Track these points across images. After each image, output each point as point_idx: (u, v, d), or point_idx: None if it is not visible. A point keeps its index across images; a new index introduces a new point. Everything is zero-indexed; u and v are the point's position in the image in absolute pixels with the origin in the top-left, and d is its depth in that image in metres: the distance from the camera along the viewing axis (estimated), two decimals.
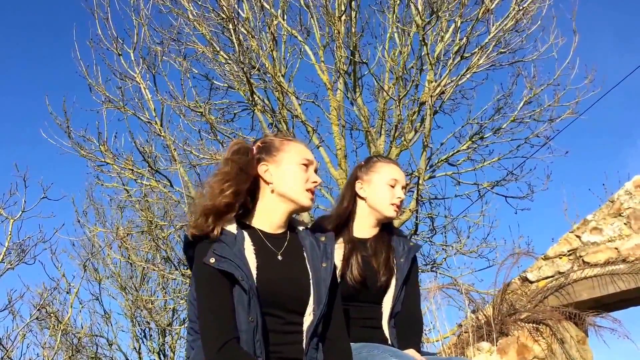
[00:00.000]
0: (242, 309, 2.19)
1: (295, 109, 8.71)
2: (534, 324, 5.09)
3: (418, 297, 3.18)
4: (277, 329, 2.30)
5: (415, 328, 3.03)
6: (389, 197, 3.08)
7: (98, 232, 9.32)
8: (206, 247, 2.28)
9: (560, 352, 5.14)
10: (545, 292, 5.37)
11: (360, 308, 2.96)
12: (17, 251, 8.02)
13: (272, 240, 2.44)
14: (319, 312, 2.33)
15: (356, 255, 3.02)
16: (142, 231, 9.10)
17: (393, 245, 3.11)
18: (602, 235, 5.36)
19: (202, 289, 2.24)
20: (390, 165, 3.20)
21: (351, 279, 2.94)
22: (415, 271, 3.15)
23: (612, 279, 5.17)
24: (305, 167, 2.52)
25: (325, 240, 2.54)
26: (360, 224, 3.14)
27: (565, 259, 5.46)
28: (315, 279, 2.39)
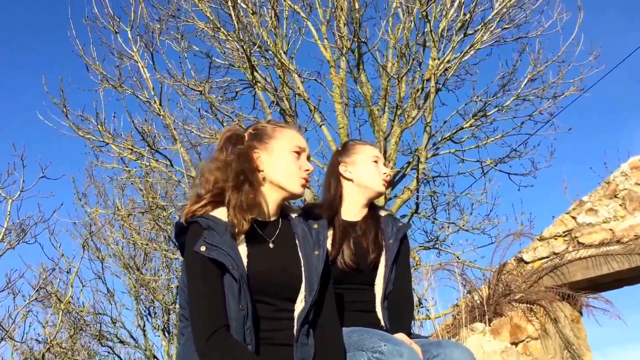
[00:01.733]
0: (232, 297, 2.19)
1: (298, 87, 8.66)
2: (528, 304, 5.09)
3: (409, 277, 3.19)
4: (268, 316, 2.30)
5: (406, 309, 3.04)
6: (376, 173, 3.13)
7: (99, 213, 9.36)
8: (197, 235, 2.27)
9: (554, 332, 5.15)
10: (540, 273, 5.37)
11: (353, 291, 2.98)
12: (16, 231, 8.07)
13: (263, 227, 2.43)
14: (310, 300, 2.32)
15: (348, 240, 3.04)
16: (143, 211, 9.11)
17: (382, 226, 3.13)
18: (598, 216, 5.34)
19: (193, 277, 2.24)
20: (368, 145, 3.26)
21: (342, 262, 2.97)
22: (406, 251, 3.17)
23: (607, 260, 5.17)
24: (297, 155, 2.51)
25: (317, 228, 2.53)
26: (349, 207, 3.16)
27: (560, 240, 5.45)
28: (307, 267, 2.38)
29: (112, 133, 8.07)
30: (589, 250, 5.23)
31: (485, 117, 9.32)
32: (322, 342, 2.36)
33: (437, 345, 2.68)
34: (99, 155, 8.82)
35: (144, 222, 9.48)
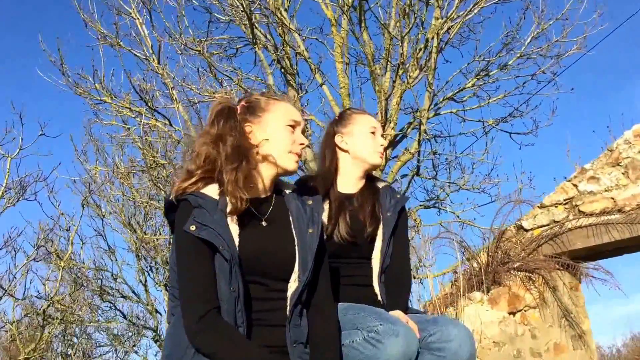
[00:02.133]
0: (223, 278, 2.12)
1: (298, 46, 8.51)
2: (527, 273, 5.07)
3: (407, 250, 3.12)
4: (260, 296, 2.24)
5: (403, 283, 2.98)
6: (373, 145, 3.03)
7: (99, 171, 9.31)
8: (187, 214, 2.19)
9: (552, 300, 5.15)
10: (539, 241, 5.34)
11: (349, 265, 2.91)
12: (15, 189, 8.04)
13: (256, 205, 2.33)
14: (304, 279, 2.26)
15: (344, 213, 2.97)
16: (142, 170, 9.05)
17: (380, 198, 3.07)
18: (599, 184, 5.28)
19: (183, 257, 2.17)
20: (366, 115, 3.15)
21: (338, 236, 2.90)
22: (404, 224, 3.09)
23: (607, 229, 5.13)
24: (291, 129, 2.41)
25: (312, 204, 2.44)
26: (345, 179, 3.09)
27: (561, 208, 5.40)
28: (301, 245, 2.31)
29: (110, 91, 7.95)
30: (590, 219, 5.18)
31: (488, 77, 9.18)
32: (317, 322, 2.30)
33: (433, 322, 2.62)
34: (97, 113, 8.73)
35: (144, 181, 9.42)
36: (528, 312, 4.93)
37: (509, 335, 4.63)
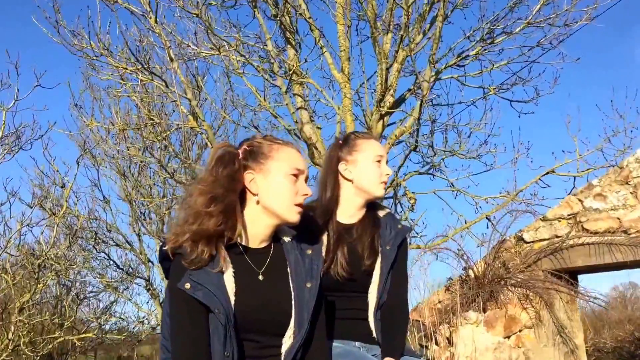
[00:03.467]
0: (217, 340, 2.07)
1: (299, 6, 8.15)
2: (524, 289, 4.99)
3: (405, 287, 3.06)
4: (254, 355, 2.19)
5: (399, 323, 2.92)
6: (378, 176, 2.90)
7: (94, 126, 9.08)
8: (182, 269, 2.12)
9: (547, 318, 5.09)
10: (539, 254, 5.24)
11: (345, 299, 2.85)
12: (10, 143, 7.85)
13: (254, 256, 2.27)
14: (300, 337, 2.20)
15: (342, 246, 2.89)
16: (138, 127, 8.85)
17: (379, 230, 2.97)
18: (606, 202, 5.13)
19: (176, 314, 2.11)
20: (372, 141, 2.99)
21: (335, 272, 2.83)
22: (403, 257, 3.01)
23: (610, 249, 5.02)
24: (294, 178, 2.30)
25: (311, 254, 2.37)
26: (345, 208, 2.98)
27: (564, 223, 5.28)
28: (298, 301, 2.25)
29: (108, 47, 7.62)
30: (593, 237, 5.06)
31: (492, 44, 8.85)
32: None
33: None
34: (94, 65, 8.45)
35: (140, 139, 9.25)
36: (523, 333, 4.88)
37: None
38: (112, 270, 11.30)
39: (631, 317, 12.22)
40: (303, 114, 7.79)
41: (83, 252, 10.85)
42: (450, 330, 4.72)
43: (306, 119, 7.76)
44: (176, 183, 9.44)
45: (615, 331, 10.46)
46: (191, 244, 2.14)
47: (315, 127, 7.83)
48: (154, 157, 9.31)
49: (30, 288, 8.81)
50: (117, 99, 9.42)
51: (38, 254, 8.71)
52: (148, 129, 8.81)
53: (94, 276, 11.27)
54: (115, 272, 11.31)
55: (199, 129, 8.16)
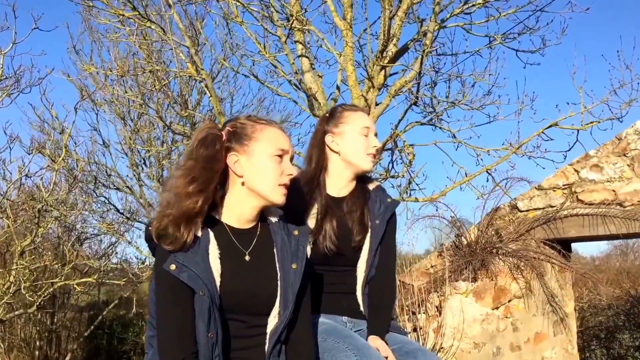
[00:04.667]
0: (201, 320, 2.11)
1: None
2: (516, 259, 5.00)
3: (393, 262, 3.10)
4: (239, 334, 2.23)
5: (386, 298, 2.96)
6: (364, 148, 2.90)
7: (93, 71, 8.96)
8: (167, 251, 2.15)
9: (538, 287, 5.12)
10: (532, 224, 5.23)
11: (334, 273, 2.89)
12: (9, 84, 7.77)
13: (240, 236, 2.31)
14: (284, 317, 2.25)
15: (330, 219, 2.91)
16: (136, 74, 8.76)
17: (369, 204, 2.97)
18: (602, 174, 5.08)
19: (162, 295, 2.15)
20: (359, 113, 3.00)
21: (324, 246, 2.85)
22: (392, 232, 3.04)
23: (604, 221, 5.00)
24: (279, 158, 2.32)
25: (298, 235, 2.40)
26: (334, 181, 2.99)
27: (559, 192, 5.24)
28: (284, 282, 2.28)
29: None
30: (588, 209, 5.04)
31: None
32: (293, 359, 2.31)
33: (413, 358, 2.64)
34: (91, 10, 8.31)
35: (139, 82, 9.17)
36: (512, 303, 4.92)
37: (490, 334, 4.64)
38: (113, 214, 11.39)
39: (630, 269, 12.29)
40: (304, 62, 7.67)
41: (83, 196, 10.89)
42: (440, 300, 4.75)
43: (307, 67, 7.66)
44: (174, 134, 9.40)
45: (611, 288, 10.54)
46: (173, 226, 2.15)
47: (316, 75, 7.72)
48: (150, 107, 9.23)
49: (31, 231, 8.88)
50: (116, 42, 9.31)
51: (38, 198, 8.74)
52: (147, 75, 8.75)
53: (95, 219, 11.39)
54: (115, 215, 11.40)
55: (198, 77, 8.08)
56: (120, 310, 13.23)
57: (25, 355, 11.16)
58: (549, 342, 5.18)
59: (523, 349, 4.93)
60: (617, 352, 10.28)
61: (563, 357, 5.32)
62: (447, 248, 5.38)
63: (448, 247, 5.39)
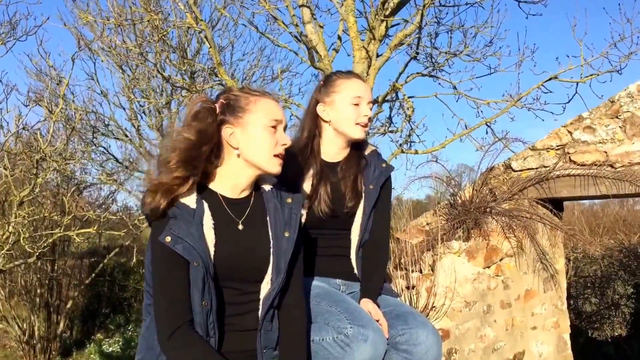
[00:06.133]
0: (196, 290, 2.18)
1: None
2: (508, 218, 5.09)
3: (387, 225, 3.16)
4: (233, 301, 2.31)
5: (379, 259, 3.03)
6: (354, 117, 2.93)
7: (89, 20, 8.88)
8: (162, 222, 2.21)
9: (529, 246, 5.22)
10: (525, 183, 5.31)
11: (327, 237, 2.95)
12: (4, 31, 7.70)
13: (233, 206, 2.37)
14: (277, 284, 2.32)
15: (325, 184, 2.97)
16: (134, 23, 8.68)
17: (364, 169, 3.04)
18: (595, 135, 5.14)
19: (157, 266, 2.21)
20: (352, 81, 3.00)
21: (318, 210, 2.92)
22: (386, 196, 3.09)
23: (595, 182, 5.08)
24: (273, 129, 2.37)
25: (291, 203, 2.45)
26: (329, 149, 3.04)
27: (552, 153, 5.31)
28: (276, 249, 2.35)
29: None
30: (580, 169, 5.11)
31: None
32: (286, 325, 2.39)
33: (404, 321, 2.72)
34: None
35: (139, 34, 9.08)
36: (503, 262, 5.03)
37: (481, 292, 4.76)
38: (112, 163, 11.42)
39: (627, 217, 12.39)
40: (305, 12, 7.60)
41: (82, 145, 10.90)
42: (434, 259, 4.85)
43: (308, 17, 7.59)
44: (173, 87, 9.38)
45: (605, 239, 10.69)
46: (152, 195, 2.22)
47: (317, 26, 7.67)
48: (149, 60, 9.16)
49: (29, 181, 8.92)
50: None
51: (36, 149, 8.75)
52: (145, 24, 8.68)
53: (95, 167, 11.43)
54: (114, 165, 11.44)
55: (197, 27, 8.03)
56: (121, 258, 13.38)
57: (26, 303, 11.33)
58: (538, 299, 5.32)
59: (513, 306, 5.06)
60: (611, 298, 10.49)
61: (552, 312, 5.46)
62: (442, 207, 5.46)
63: (443, 206, 5.47)
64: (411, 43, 7.86)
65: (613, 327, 10.30)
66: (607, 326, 10.36)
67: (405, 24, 8.12)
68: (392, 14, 7.62)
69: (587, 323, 10.36)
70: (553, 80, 7.37)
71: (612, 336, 10.17)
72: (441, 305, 4.44)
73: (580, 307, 10.53)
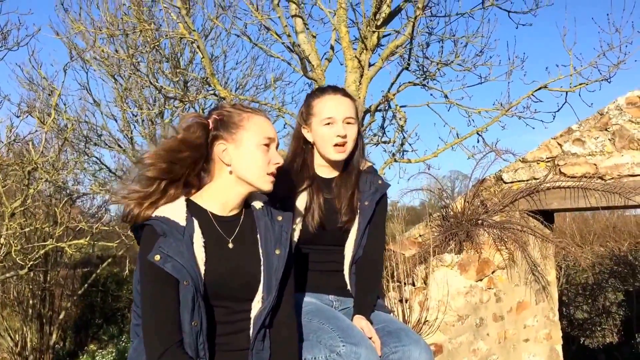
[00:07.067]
0: (185, 309, 2.17)
1: None
2: (500, 230, 5.12)
3: (381, 241, 3.14)
4: (224, 320, 2.31)
5: (373, 276, 3.02)
6: (328, 139, 2.89)
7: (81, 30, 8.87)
8: (151, 241, 2.20)
9: (521, 258, 5.25)
10: (516, 195, 5.33)
11: (321, 251, 2.96)
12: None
13: (223, 224, 2.36)
14: (268, 302, 2.31)
15: (318, 199, 2.96)
16: (127, 33, 8.69)
17: (359, 185, 3.03)
18: (584, 148, 5.18)
19: (146, 285, 2.20)
20: (324, 99, 2.93)
21: (312, 224, 2.92)
22: (381, 214, 3.08)
23: (585, 194, 5.11)
24: (266, 147, 2.37)
25: (281, 220, 2.45)
26: (321, 166, 3.04)
27: (542, 165, 5.34)
28: (266, 267, 2.35)
29: None
30: (570, 182, 5.14)
31: None
32: (277, 344, 2.39)
33: (397, 338, 2.72)
34: None
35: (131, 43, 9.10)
36: (495, 274, 5.05)
37: (473, 305, 4.78)
38: (104, 173, 11.39)
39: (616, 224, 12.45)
40: (297, 22, 7.63)
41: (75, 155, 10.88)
42: (426, 272, 4.87)
43: (300, 27, 7.62)
44: (165, 97, 9.38)
45: (596, 247, 10.76)
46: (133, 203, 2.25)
47: (310, 36, 7.70)
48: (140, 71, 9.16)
49: (21, 193, 8.91)
50: None
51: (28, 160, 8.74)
52: (137, 34, 8.68)
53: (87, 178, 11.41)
54: (107, 174, 11.41)
55: (189, 37, 8.04)
56: (115, 268, 13.34)
57: (18, 314, 11.30)
58: (530, 311, 5.34)
59: (506, 319, 5.09)
60: (602, 305, 10.54)
61: (544, 324, 5.49)
62: (434, 219, 5.48)
63: (435, 218, 5.50)
64: (403, 53, 7.88)
65: (604, 334, 10.36)
66: (598, 333, 10.42)
67: (397, 34, 8.16)
68: (384, 24, 7.67)
69: (579, 331, 10.42)
70: (543, 89, 7.42)
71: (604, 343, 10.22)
72: (434, 319, 4.46)
73: (572, 314, 10.59)
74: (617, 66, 6.90)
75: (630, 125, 4.99)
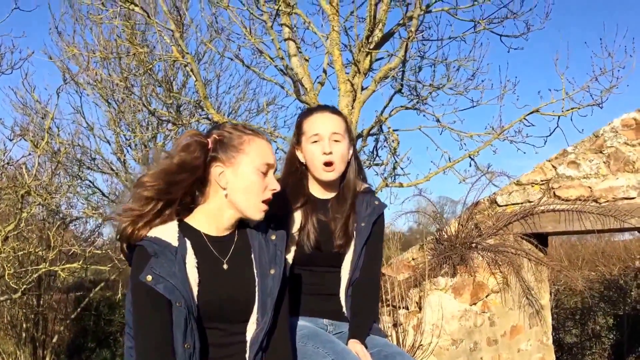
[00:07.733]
0: (178, 331, 2.11)
1: None
2: (494, 254, 5.09)
3: (378, 262, 3.08)
4: (218, 342, 2.24)
5: (369, 299, 2.94)
6: (316, 157, 2.79)
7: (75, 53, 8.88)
8: (143, 261, 2.14)
9: (515, 282, 5.21)
10: (510, 218, 5.31)
11: (317, 273, 2.87)
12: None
13: (217, 244, 2.30)
14: (263, 324, 2.25)
15: (313, 221, 2.89)
16: (120, 57, 8.70)
17: (356, 206, 2.98)
18: (579, 170, 5.17)
19: (138, 307, 2.14)
20: (313, 117, 2.86)
21: (307, 245, 2.86)
22: (377, 235, 3.01)
23: (580, 217, 5.09)
24: (263, 175, 2.32)
25: (275, 240, 2.39)
26: (316, 188, 2.98)
27: (537, 188, 5.32)
28: (261, 288, 2.29)
29: None
30: (564, 205, 5.13)
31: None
32: None
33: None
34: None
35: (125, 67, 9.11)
36: (489, 298, 5.01)
37: (467, 330, 4.74)
38: (97, 196, 11.36)
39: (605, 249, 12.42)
40: (290, 45, 7.64)
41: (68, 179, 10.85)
42: (420, 296, 4.84)
43: (293, 50, 7.63)
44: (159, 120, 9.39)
45: (586, 271, 10.73)
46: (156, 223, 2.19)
47: (302, 59, 7.71)
48: (134, 94, 9.17)
49: (15, 217, 8.86)
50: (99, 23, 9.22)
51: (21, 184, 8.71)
52: (130, 57, 8.69)
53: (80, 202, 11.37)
54: (101, 198, 11.38)
55: (182, 61, 8.05)
56: (107, 292, 13.26)
57: (11, 337, 11.19)
58: (524, 335, 5.30)
59: (500, 343, 5.04)
60: (592, 329, 10.50)
61: (538, 348, 5.44)
62: (428, 242, 5.45)
63: (429, 241, 5.47)
64: (395, 76, 7.90)
65: (594, 359, 10.30)
66: (588, 357, 10.37)
67: (389, 58, 8.19)
68: (377, 47, 7.69)
69: (569, 355, 10.36)
70: (535, 113, 7.44)
71: None
72: (428, 343, 4.42)
73: (561, 338, 10.53)
74: (610, 90, 6.93)
75: (626, 148, 4.99)
